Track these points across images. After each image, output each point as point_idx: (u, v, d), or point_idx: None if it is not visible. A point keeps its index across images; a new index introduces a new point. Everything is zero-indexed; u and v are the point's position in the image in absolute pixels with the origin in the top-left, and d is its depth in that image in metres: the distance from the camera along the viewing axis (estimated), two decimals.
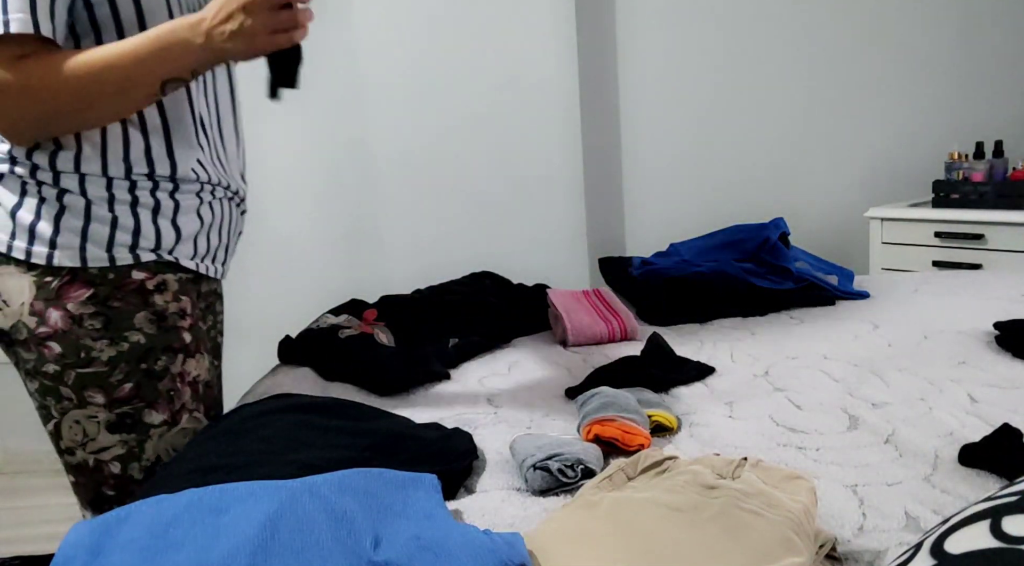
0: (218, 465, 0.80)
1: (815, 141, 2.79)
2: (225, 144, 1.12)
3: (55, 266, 0.95)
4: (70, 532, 0.61)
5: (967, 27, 2.50)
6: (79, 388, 0.98)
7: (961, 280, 1.70)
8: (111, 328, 0.97)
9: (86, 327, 0.96)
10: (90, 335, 0.96)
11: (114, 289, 0.98)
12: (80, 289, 0.96)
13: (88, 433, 1.00)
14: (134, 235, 0.99)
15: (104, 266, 0.97)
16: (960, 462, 0.81)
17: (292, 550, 0.57)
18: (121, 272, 0.98)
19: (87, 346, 0.97)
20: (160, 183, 1.00)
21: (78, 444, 1.01)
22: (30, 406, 1.06)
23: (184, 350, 1.04)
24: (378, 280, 2.79)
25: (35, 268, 0.95)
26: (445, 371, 1.26)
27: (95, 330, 0.97)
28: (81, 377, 0.97)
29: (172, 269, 1.04)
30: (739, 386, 1.11)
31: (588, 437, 0.89)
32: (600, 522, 0.67)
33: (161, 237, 1.01)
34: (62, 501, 2.53)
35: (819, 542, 0.63)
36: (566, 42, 2.77)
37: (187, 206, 1.04)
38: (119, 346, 0.98)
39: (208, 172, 1.06)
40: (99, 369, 0.97)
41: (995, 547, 0.43)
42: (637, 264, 1.75)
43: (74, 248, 0.95)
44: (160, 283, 1.02)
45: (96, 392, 0.98)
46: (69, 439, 1.01)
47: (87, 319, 0.96)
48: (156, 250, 1.01)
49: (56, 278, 0.95)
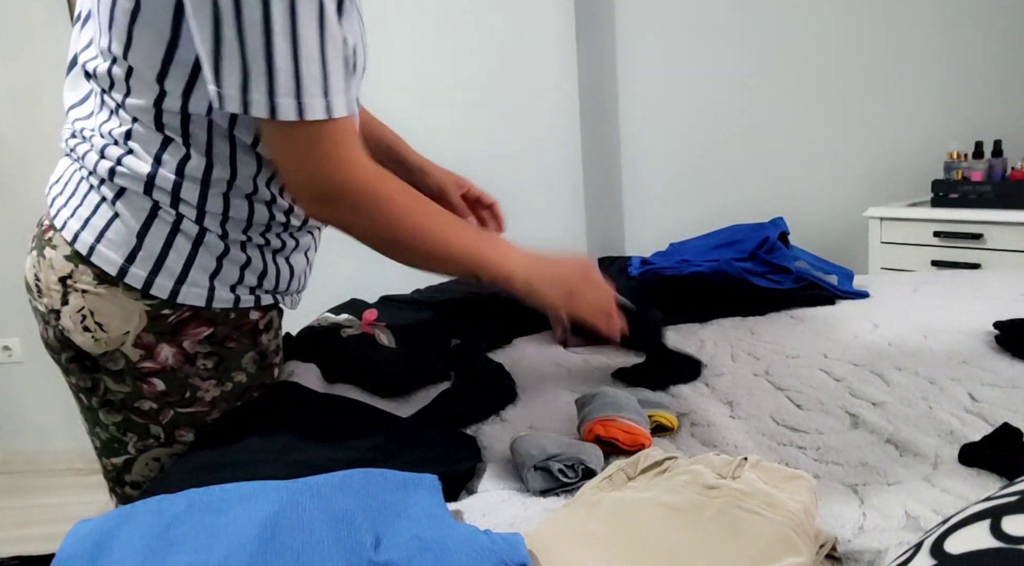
0: (218, 465, 0.80)
1: (815, 141, 2.79)
2: None
3: (178, 302, 0.89)
4: (70, 532, 0.61)
5: (967, 27, 2.50)
6: (172, 427, 0.93)
7: (961, 280, 1.70)
8: (221, 368, 0.94)
9: (197, 366, 0.92)
10: (199, 375, 0.92)
11: (232, 330, 0.94)
12: (199, 327, 0.92)
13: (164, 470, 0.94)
14: (260, 276, 0.96)
15: (227, 306, 0.93)
16: (960, 462, 0.81)
17: (292, 550, 0.57)
18: (241, 313, 0.96)
19: (194, 386, 0.92)
20: (291, 223, 0.98)
21: (149, 480, 0.96)
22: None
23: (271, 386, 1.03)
24: (378, 280, 2.79)
25: (151, 299, 0.89)
26: (446, 372, 1.26)
27: (206, 370, 0.93)
28: (179, 417, 0.93)
29: (276, 307, 1.03)
30: (739, 386, 1.11)
31: (588, 437, 0.89)
32: (600, 522, 0.67)
33: (280, 277, 0.99)
34: (62, 501, 2.53)
35: (819, 542, 0.63)
36: (566, 42, 2.77)
37: (303, 244, 1.03)
38: (224, 387, 0.95)
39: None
40: (199, 409, 0.94)
41: (995, 547, 0.43)
42: (637, 264, 1.75)
43: (203, 287, 0.91)
44: (268, 322, 1.01)
45: (188, 431, 0.94)
46: (141, 475, 0.96)
47: (200, 358, 0.92)
48: (275, 291, 0.99)
49: (174, 313, 0.90)
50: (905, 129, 2.64)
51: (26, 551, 2.18)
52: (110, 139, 0.88)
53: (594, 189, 2.93)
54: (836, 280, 1.64)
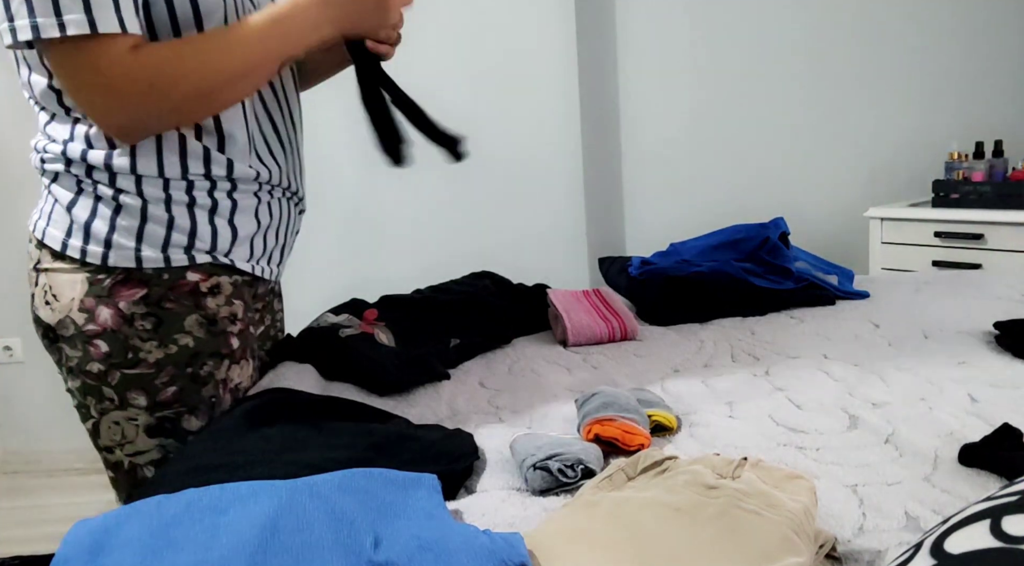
0: (218, 465, 0.80)
1: (815, 141, 2.79)
2: (283, 144, 1.10)
3: (109, 266, 0.94)
4: (70, 532, 0.61)
5: (967, 27, 2.50)
6: (122, 389, 0.96)
7: (961, 280, 1.70)
8: (161, 330, 0.96)
9: (136, 327, 0.95)
10: (139, 335, 0.95)
11: (167, 290, 0.96)
12: (133, 288, 0.95)
13: (126, 435, 0.98)
14: (190, 236, 0.97)
15: (159, 267, 0.96)
16: (960, 462, 0.81)
17: (292, 550, 0.57)
18: (175, 273, 0.97)
19: (135, 347, 0.95)
20: (218, 182, 0.98)
21: (116, 444, 1.00)
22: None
23: (230, 356, 1.03)
24: (378, 280, 2.80)
25: (89, 266, 0.94)
26: (445, 371, 1.26)
27: (145, 331, 0.95)
28: (126, 378, 0.96)
29: (227, 271, 1.02)
30: (739, 386, 1.11)
31: (588, 437, 0.89)
32: (600, 522, 0.67)
33: (217, 238, 1.00)
34: (62, 501, 2.53)
35: (819, 542, 0.63)
36: (566, 42, 2.77)
37: (245, 206, 1.02)
38: (167, 349, 0.96)
39: (268, 171, 1.04)
40: (144, 371, 0.96)
41: (995, 547, 0.43)
42: (637, 264, 1.75)
43: (129, 248, 0.94)
44: (214, 286, 1.00)
45: (139, 394, 0.97)
46: (108, 439, 1.00)
47: (138, 319, 0.95)
48: (212, 251, 0.99)
49: (109, 276, 0.94)
50: (906, 129, 2.64)
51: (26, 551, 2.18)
52: (43, 136, 0.97)
53: (594, 189, 2.93)
54: (836, 280, 1.64)
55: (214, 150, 0.97)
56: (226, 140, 0.98)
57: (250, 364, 1.07)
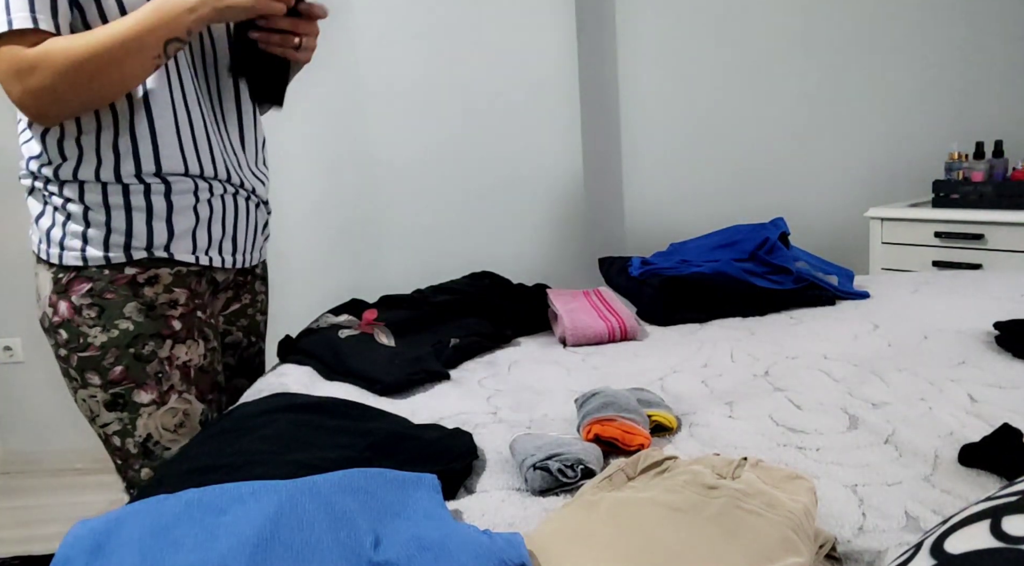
0: (218, 465, 0.80)
1: (815, 141, 2.79)
2: (223, 141, 1.18)
3: (64, 265, 1.09)
4: (70, 532, 0.61)
5: (967, 27, 2.50)
6: (80, 370, 1.11)
7: (961, 280, 1.70)
8: (104, 317, 1.10)
9: (84, 316, 1.09)
10: (86, 323, 1.09)
11: (108, 283, 1.10)
12: (82, 283, 1.09)
13: (93, 410, 1.13)
14: (126, 236, 1.10)
15: (101, 264, 1.10)
16: (960, 462, 0.81)
17: (292, 550, 0.57)
18: (115, 269, 1.10)
19: (84, 333, 1.10)
20: (152, 185, 1.10)
21: (90, 419, 1.15)
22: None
23: (173, 336, 1.14)
24: (378, 280, 2.80)
25: (52, 266, 1.10)
26: (445, 371, 1.26)
27: (91, 319, 1.10)
28: (81, 361, 1.10)
29: (167, 264, 1.14)
30: (739, 386, 1.11)
31: (588, 437, 0.89)
32: (600, 522, 0.67)
33: (153, 236, 1.11)
34: (62, 501, 2.53)
35: (819, 542, 0.63)
36: (566, 42, 2.77)
37: (181, 206, 1.13)
38: (110, 333, 1.10)
39: (200, 167, 1.13)
40: (93, 354, 1.10)
41: (995, 547, 0.43)
42: (637, 264, 1.75)
43: (77, 249, 1.09)
44: (151, 277, 1.13)
45: (93, 374, 1.11)
46: (84, 413, 1.15)
47: (85, 309, 1.09)
48: (148, 248, 1.11)
49: (65, 274, 1.10)
50: (906, 129, 2.64)
51: (26, 551, 2.18)
52: (23, 151, 1.11)
53: (594, 189, 2.93)
54: (836, 280, 1.64)
55: (143, 149, 1.08)
56: (157, 138, 1.08)
57: (200, 344, 1.18)
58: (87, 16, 1.02)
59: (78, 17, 1.02)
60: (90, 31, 1.00)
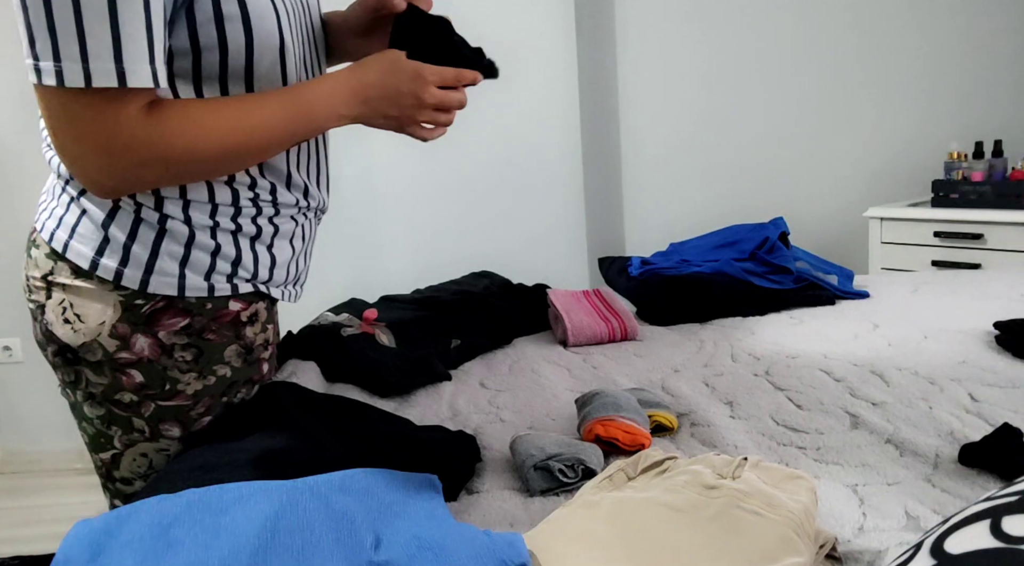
0: (218, 465, 0.80)
1: (815, 141, 2.79)
2: (319, 163, 1.06)
3: (148, 292, 0.88)
4: (70, 532, 0.61)
5: (967, 27, 2.50)
6: (155, 420, 0.92)
7: (961, 280, 1.70)
8: (201, 361, 0.92)
9: (176, 358, 0.91)
10: (178, 367, 0.91)
11: (210, 320, 0.92)
12: (175, 317, 0.90)
13: (155, 466, 0.94)
14: (234, 264, 0.93)
15: (202, 295, 0.91)
16: (960, 462, 0.81)
17: (292, 550, 0.57)
18: (219, 302, 0.93)
19: (174, 378, 0.91)
20: (263, 208, 0.94)
21: (139, 476, 0.95)
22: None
23: (260, 381, 1.01)
24: (378, 280, 2.80)
25: (123, 290, 0.88)
26: (446, 372, 1.26)
27: (184, 362, 0.91)
28: (160, 409, 0.92)
29: (262, 298, 0.99)
30: (739, 386, 1.11)
31: (588, 437, 0.89)
32: (600, 522, 0.67)
33: (259, 265, 0.95)
34: (62, 501, 2.53)
35: (819, 542, 0.63)
36: (566, 42, 2.77)
37: (285, 231, 0.98)
38: (206, 380, 0.93)
39: (304, 190, 1.00)
40: (182, 403, 0.92)
41: (995, 547, 0.43)
42: (637, 264, 1.75)
43: (173, 275, 0.89)
44: (253, 314, 0.98)
45: (173, 425, 0.93)
46: (130, 471, 0.95)
47: (178, 350, 0.91)
48: (253, 279, 0.95)
49: (148, 303, 0.89)
50: (905, 129, 2.64)
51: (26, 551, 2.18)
52: None
53: (594, 189, 2.93)
54: (836, 280, 1.64)
55: (258, 175, 0.93)
56: (267, 164, 0.94)
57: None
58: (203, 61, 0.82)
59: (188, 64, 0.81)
60: (214, 110, 0.81)
